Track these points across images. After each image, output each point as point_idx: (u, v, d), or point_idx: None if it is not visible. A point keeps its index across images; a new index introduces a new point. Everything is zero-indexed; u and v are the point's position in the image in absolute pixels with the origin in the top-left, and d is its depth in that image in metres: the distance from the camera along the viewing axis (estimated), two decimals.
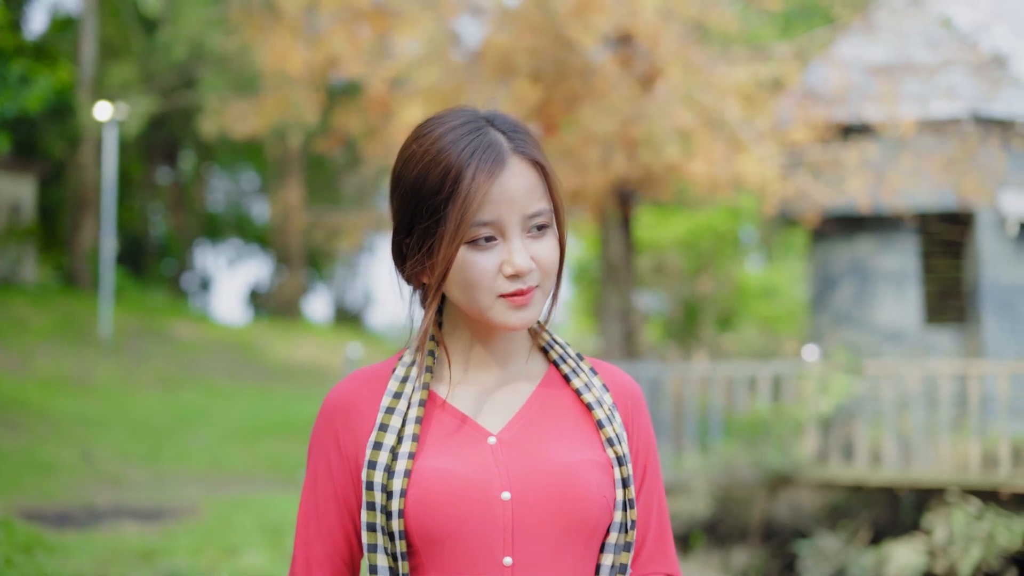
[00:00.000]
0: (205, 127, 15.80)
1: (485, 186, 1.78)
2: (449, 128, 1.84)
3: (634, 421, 1.96)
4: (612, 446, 1.88)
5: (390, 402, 1.86)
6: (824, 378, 12.60)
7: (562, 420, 1.89)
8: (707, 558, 11.90)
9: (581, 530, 1.82)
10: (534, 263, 1.82)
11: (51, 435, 13.08)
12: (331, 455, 1.89)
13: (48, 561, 7.03)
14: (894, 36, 14.16)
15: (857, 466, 12.30)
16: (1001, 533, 11.06)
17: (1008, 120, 14.61)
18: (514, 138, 1.85)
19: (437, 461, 1.81)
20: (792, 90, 14.31)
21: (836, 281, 15.68)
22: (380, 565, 1.81)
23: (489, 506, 1.79)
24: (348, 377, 1.93)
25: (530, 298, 1.82)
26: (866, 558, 11.68)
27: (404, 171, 1.85)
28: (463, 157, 1.79)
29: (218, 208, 40.70)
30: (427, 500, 1.78)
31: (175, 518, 9.33)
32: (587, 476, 1.83)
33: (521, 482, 1.81)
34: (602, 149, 12.94)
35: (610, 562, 1.87)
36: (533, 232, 1.83)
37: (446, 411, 1.87)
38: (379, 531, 1.81)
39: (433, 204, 1.80)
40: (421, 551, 1.80)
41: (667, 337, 22.88)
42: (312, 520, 1.90)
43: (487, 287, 1.80)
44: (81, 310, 21.98)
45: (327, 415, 1.90)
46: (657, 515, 1.98)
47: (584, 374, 1.95)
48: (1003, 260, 14.93)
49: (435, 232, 1.80)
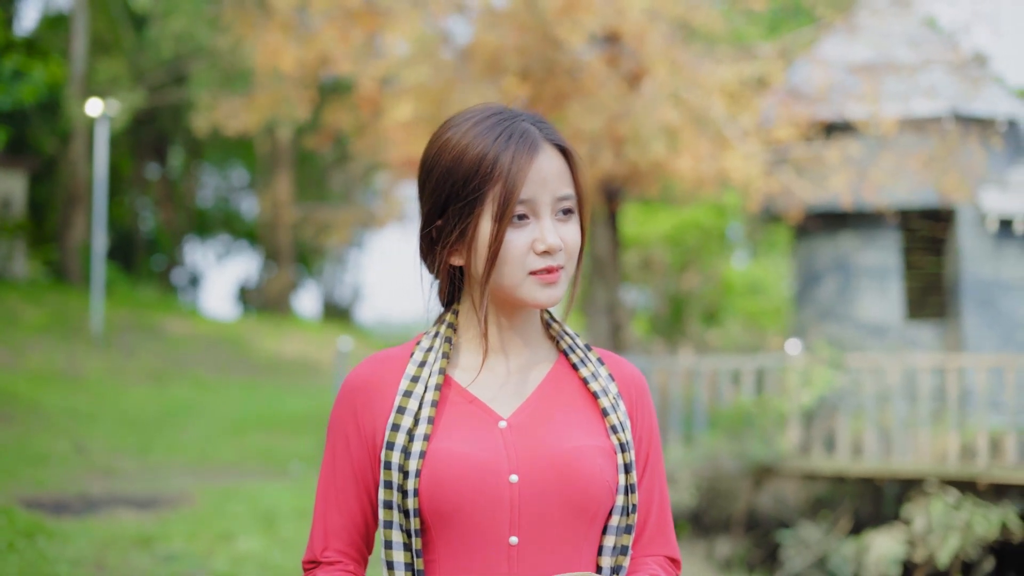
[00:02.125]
0: (197, 123, 15.94)
1: (526, 167, 1.89)
2: (482, 118, 1.95)
3: (638, 410, 2.06)
4: (616, 433, 1.96)
5: (408, 385, 1.95)
6: (806, 371, 12.82)
7: (569, 407, 1.98)
8: (691, 548, 12.11)
9: (584, 512, 1.90)
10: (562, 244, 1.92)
11: (43, 428, 13.22)
12: (350, 433, 1.98)
13: (49, 546, 7.20)
14: (876, 36, 14.38)
15: (839, 458, 12.53)
16: (979, 523, 11.30)
17: (988, 118, 14.84)
18: (543, 127, 1.96)
19: (450, 443, 1.89)
20: (776, 89, 14.51)
21: (819, 277, 15.90)
22: (395, 540, 1.90)
23: (497, 487, 1.87)
24: (367, 359, 2.03)
25: (558, 276, 1.92)
26: (847, 547, 11.91)
27: (438, 158, 1.94)
28: (500, 141, 1.90)
29: (207, 204, 40.77)
30: (439, 480, 1.86)
31: (169, 506, 9.50)
32: (591, 461, 1.91)
33: (528, 465, 1.89)
34: (589, 146, 13.13)
35: (612, 543, 1.95)
36: (560, 216, 1.94)
37: (461, 395, 1.96)
38: (395, 508, 1.89)
39: (471, 186, 1.89)
40: (432, 528, 1.89)
41: (654, 332, 23.08)
42: (331, 494, 1.99)
43: (519, 263, 1.90)
44: (72, 305, 22.09)
45: (347, 395, 1.99)
46: (659, 500, 2.06)
47: (591, 364, 2.04)
48: (983, 256, 15.15)
49: (472, 212, 1.90)
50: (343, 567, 1.97)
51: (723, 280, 23.97)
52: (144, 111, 28.13)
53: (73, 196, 26.09)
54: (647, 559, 2.02)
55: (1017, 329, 15.07)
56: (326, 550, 1.98)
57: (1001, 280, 15.13)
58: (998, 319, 15.10)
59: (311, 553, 2.00)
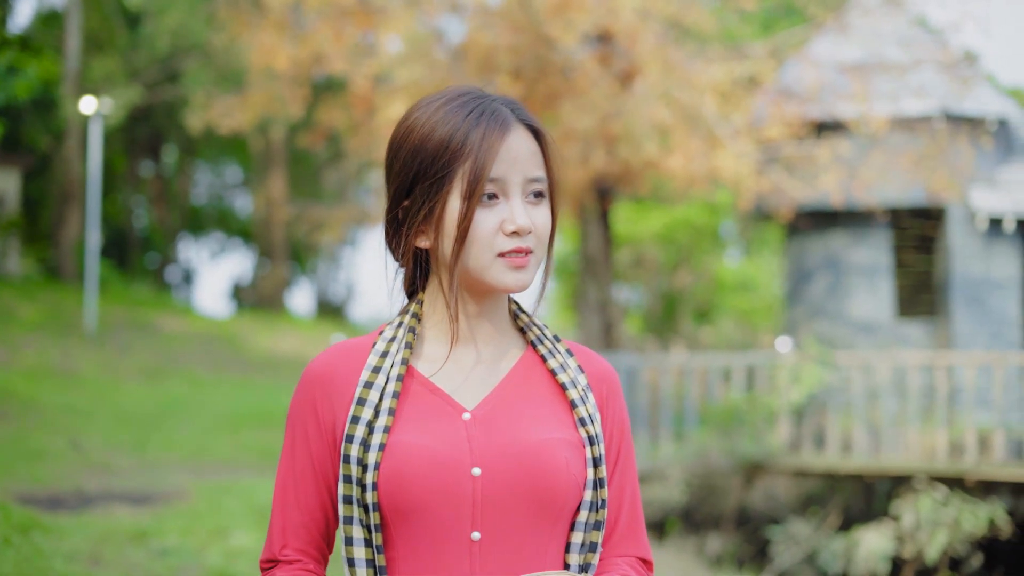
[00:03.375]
0: (191, 121, 16.01)
1: (497, 144, 1.83)
2: (452, 97, 1.89)
3: (608, 405, 1.98)
4: (584, 426, 1.89)
5: (369, 376, 1.88)
6: (796, 369, 12.91)
7: (536, 399, 1.91)
8: (682, 544, 12.19)
9: (549, 507, 1.84)
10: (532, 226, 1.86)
11: (39, 424, 13.27)
12: (309, 425, 1.90)
13: (44, 541, 7.25)
14: (867, 35, 14.47)
15: (828, 454, 12.62)
16: (967, 519, 11.40)
17: (978, 118, 14.93)
18: (515, 108, 1.91)
19: (411, 436, 1.82)
20: (767, 88, 14.60)
21: (810, 275, 15.98)
22: (356, 536, 1.83)
23: (459, 481, 1.81)
24: (328, 349, 1.95)
25: (527, 260, 1.85)
26: (836, 543, 12.00)
27: (407, 137, 1.88)
28: (471, 119, 1.84)
29: (201, 201, 40.80)
30: (399, 474, 1.79)
31: (164, 502, 9.57)
32: (557, 454, 1.84)
33: (492, 458, 1.83)
34: (581, 145, 13.21)
35: (580, 540, 1.88)
36: (531, 199, 1.87)
37: (424, 387, 1.89)
38: (355, 503, 1.83)
39: (439, 163, 1.83)
40: (392, 524, 1.82)
41: (646, 330, 23.17)
42: (289, 488, 1.91)
43: (488, 243, 1.83)
44: (66, 302, 22.13)
45: (306, 386, 1.92)
46: (630, 499, 1.99)
47: (560, 355, 1.97)
48: (973, 255, 15.24)
49: (440, 190, 1.84)
50: (302, 566, 1.90)
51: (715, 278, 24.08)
52: (138, 108, 28.16)
53: (67, 193, 26.13)
54: (618, 559, 1.95)
55: (1006, 327, 15.17)
56: (285, 548, 1.90)
57: (991, 278, 15.22)
58: (988, 317, 15.19)
59: (269, 552, 1.91)
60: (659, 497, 12.19)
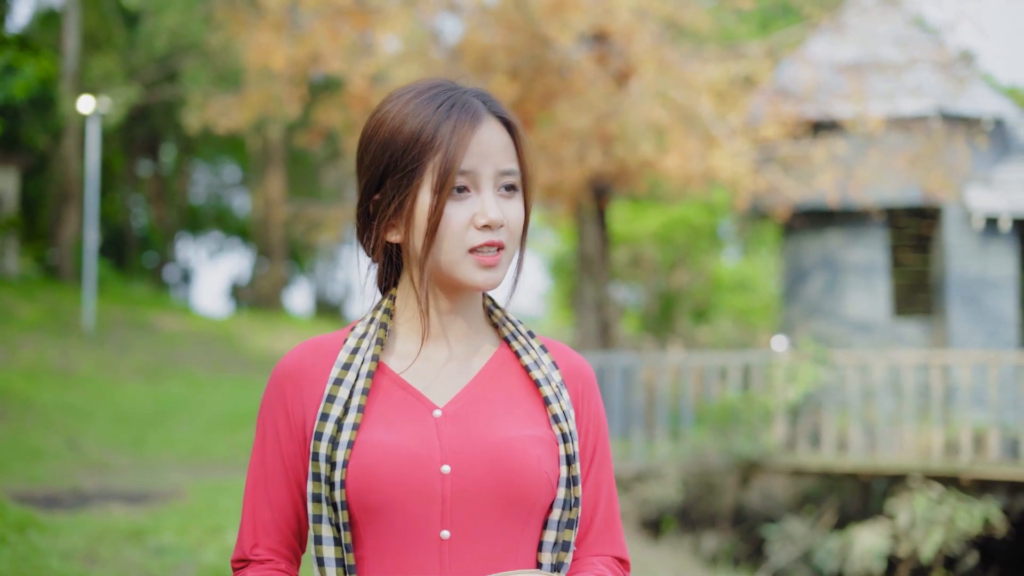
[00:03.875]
0: (188, 121, 16.03)
1: (468, 136, 1.80)
2: (423, 90, 1.86)
3: (584, 402, 1.95)
4: (558, 423, 1.87)
5: (339, 373, 1.85)
6: (792, 368, 12.94)
7: (509, 396, 1.88)
8: (678, 542, 12.22)
9: (520, 506, 1.81)
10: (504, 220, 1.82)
11: (36, 423, 13.30)
12: (279, 422, 1.88)
13: (41, 539, 7.28)
14: (863, 35, 14.50)
15: (824, 453, 12.65)
16: (962, 517, 11.43)
17: (974, 117, 14.96)
18: (487, 100, 1.87)
19: (379, 433, 1.80)
20: (764, 87, 14.63)
21: (807, 274, 16.01)
22: (325, 535, 1.81)
23: (428, 479, 1.78)
24: (299, 346, 1.93)
25: (499, 259, 1.82)
26: (832, 542, 12.04)
27: (377, 130, 1.85)
28: (441, 111, 1.81)
29: (199, 201, 40.84)
30: (367, 472, 1.77)
31: (161, 500, 9.59)
32: (529, 452, 1.81)
33: (462, 456, 1.80)
34: (577, 145, 13.24)
35: (553, 539, 1.85)
36: (503, 192, 1.84)
37: (395, 383, 1.87)
38: (324, 501, 1.80)
39: (409, 156, 1.80)
40: (360, 522, 1.79)
41: (643, 329, 23.21)
42: (260, 487, 1.88)
43: (459, 238, 1.80)
44: (64, 301, 22.16)
45: (277, 382, 1.90)
46: (606, 498, 1.95)
47: (534, 351, 1.94)
48: (969, 254, 15.27)
49: (410, 183, 1.81)
50: (274, 565, 1.86)
51: (713, 277, 24.11)
52: (136, 108, 28.18)
53: (65, 193, 26.15)
54: (594, 559, 1.92)
55: (1003, 326, 15.21)
56: (256, 547, 1.87)
57: (987, 277, 15.25)
58: (984, 316, 15.23)
59: (240, 551, 1.88)
60: (655, 495, 12.22)
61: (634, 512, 12.26)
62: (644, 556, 10.85)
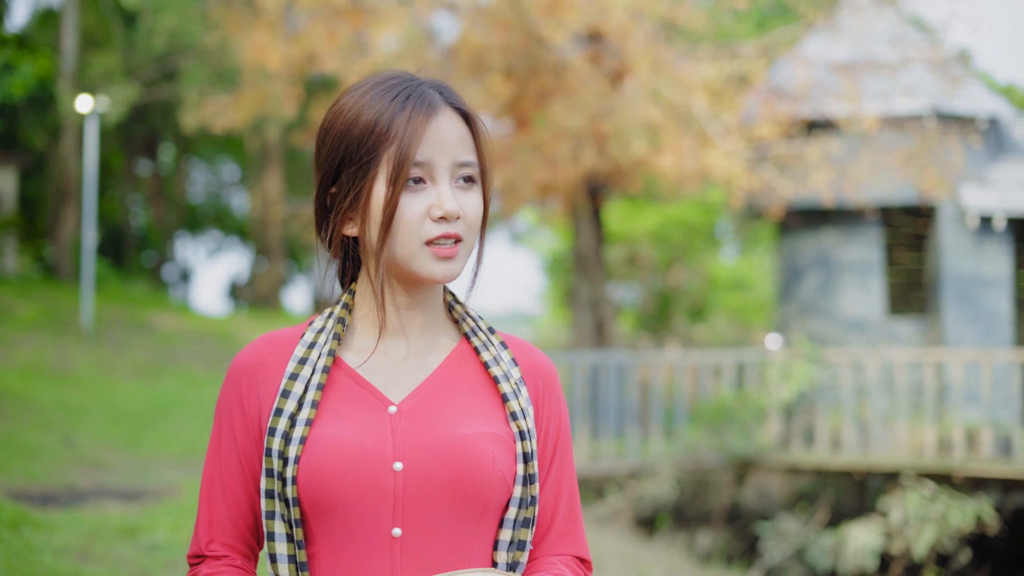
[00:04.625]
0: (185, 121, 16.07)
1: (422, 127, 1.78)
2: (379, 82, 1.84)
3: (544, 400, 1.93)
4: (516, 420, 1.84)
5: (295, 368, 1.84)
6: (786, 366, 12.98)
7: (467, 392, 1.86)
8: (672, 540, 12.26)
9: (474, 504, 1.79)
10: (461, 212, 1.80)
11: (33, 421, 13.33)
12: (235, 418, 1.86)
13: (35, 536, 7.33)
14: (858, 35, 14.54)
15: (818, 451, 12.70)
16: (954, 515, 11.48)
17: (968, 116, 15.00)
18: (444, 92, 1.85)
19: (333, 429, 1.78)
20: (758, 87, 14.67)
21: (802, 272, 16.05)
22: (277, 531, 1.79)
23: (379, 476, 1.76)
24: (257, 340, 1.91)
25: (456, 251, 1.80)
26: (825, 539, 12.08)
27: (333, 122, 1.84)
28: (396, 102, 1.79)
29: (198, 200, 40.87)
30: (318, 469, 1.75)
31: (155, 498, 9.63)
32: (484, 450, 1.79)
33: (415, 453, 1.78)
34: (571, 144, 13.28)
35: (508, 537, 1.83)
36: (460, 183, 1.82)
37: (351, 379, 1.85)
38: (276, 498, 1.78)
39: (364, 148, 1.79)
40: (312, 519, 1.78)
41: (641, 328, 23.25)
42: (216, 482, 1.86)
43: (415, 230, 1.78)
44: (62, 300, 22.20)
45: (233, 377, 1.89)
46: (568, 497, 1.93)
47: (494, 348, 1.91)
48: (964, 252, 15.31)
49: (365, 175, 1.79)
50: (229, 561, 1.84)
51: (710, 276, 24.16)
52: (135, 107, 28.22)
53: (64, 192, 26.19)
54: (554, 558, 1.90)
55: (997, 324, 15.24)
56: (212, 543, 1.85)
57: (981, 276, 15.29)
58: (978, 314, 15.26)
59: (196, 546, 1.87)
60: (649, 493, 12.26)
61: (628, 510, 12.31)
62: (637, 554, 10.89)
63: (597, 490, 12.58)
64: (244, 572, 1.85)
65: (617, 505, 12.22)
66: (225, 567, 1.84)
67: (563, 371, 13.46)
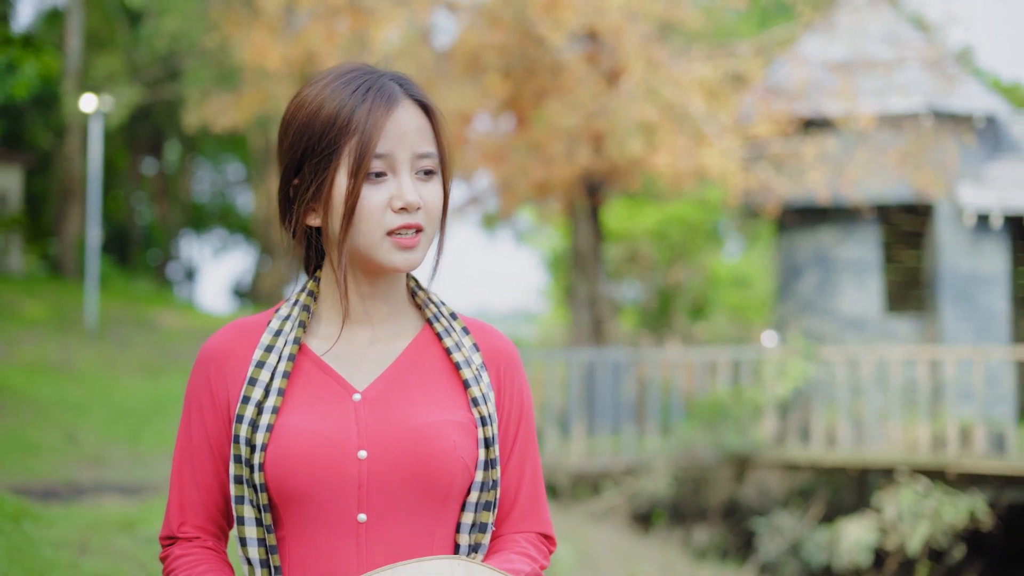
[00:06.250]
0: (188, 120, 16.19)
1: (383, 120, 1.81)
2: (340, 74, 1.87)
3: (505, 383, 1.97)
4: (477, 406, 1.88)
5: (261, 355, 1.87)
6: (781, 363, 13.07)
7: (429, 379, 1.90)
8: (668, 536, 12.34)
9: (436, 489, 1.83)
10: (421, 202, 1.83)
11: (35, 418, 13.45)
12: (204, 404, 1.90)
13: (34, 530, 7.42)
14: (854, 33, 14.61)
15: (813, 448, 12.78)
16: (947, 511, 11.56)
17: (965, 114, 15.05)
18: (404, 84, 1.88)
19: (298, 418, 1.82)
20: (755, 86, 14.74)
21: (800, 270, 16.12)
22: (247, 516, 1.83)
23: (344, 464, 1.80)
24: (224, 327, 1.95)
25: (417, 240, 1.84)
26: (820, 535, 12.17)
27: (295, 114, 1.86)
28: (357, 95, 1.82)
29: (203, 198, 40.98)
30: (284, 456, 1.79)
31: (155, 493, 9.74)
32: (446, 436, 1.83)
33: (378, 440, 1.82)
34: (567, 142, 13.37)
35: (471, 520, 1.88)
36: (420, 175, 1.85)
37: (317, 367, 1.88)
38: (245, 483, 1.82)
39: (326, 139, 1.82)
40: (279, 505, 1.82)
41: (642, 325, 23.33)
42: (186, 467, 1.90)
43: (376, 221, 1.82)
44: (67, 298, 22.33)
45: (201, 364, 1.91)
46: (531, 476, 1.98)
47: (456, 334, 1.95)
48: (961, 250, 15.36)
49: (327, 167, 1.82)
50: (201, 543, 1.90)
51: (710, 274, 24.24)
52: (140, 106, 28.34)
53: (69, 190, 26.33)
54: (517, 535, 1.96)
55: (994, 322, 15.31)
56: (183, 525, 1.90)
57: (978, 274, 15.34)
58: (976, 312, 15.32)
59: (168, 528, 1.91)
60: (646, 489, 12.35)
61: (624, 506, 12.40)
62: (632, 549, 10.98)
63: (593, 486, 12.68)
64: (215, 552, 1.91)
65: (613, 501, 12.31)
66: (197, 548, 1.89)
67: (560, 368, 13.56)
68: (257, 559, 1.83)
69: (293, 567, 1.83)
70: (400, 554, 1.83)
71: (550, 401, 12.91)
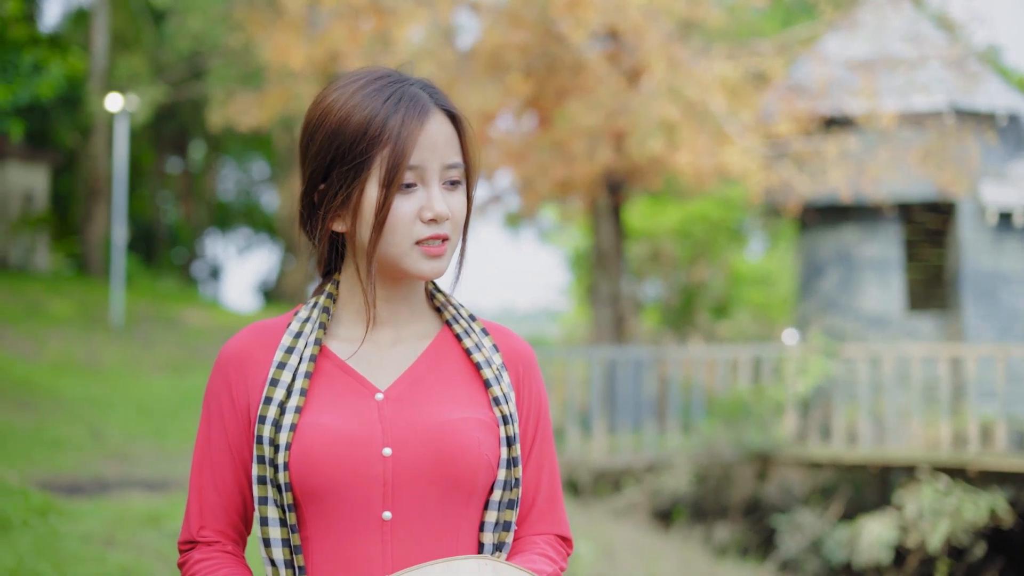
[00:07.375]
0: (212, 119, 16.31)
1: (416, 131, 1.81)
2: (369, 80, 1.86)
3: (524, 384, 1.98)
4: (498, 405, 1.90)
5: (282, 357, 1.88)
6: (802, 361, 13.09)
7: (451, 379, 1.91)
8: (688, 533, 12.38)
9: (461, 487, 1.84)
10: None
11: (61, 415, 13.58)
12: (224, 407, 1.90)
13: (61, 524, 7.55)
14: (875, 31, 14.60)
15: (834, 445, 12.80)
16: (968, 508, 11.56)
17: (987, 112, 15.03)
18: (433, 93, 1.88)
19: (322, 417, 1.83)
20: (777, 84, 14.75)
21: (822, 269, 16.13)
22: (271, 517, 1.83)
23: (369, 462, 1.81)
24: (244, 330, 1.95)
25: (444, 248, 1.85)
26: (840, 532, 12.19)
27: (323, 119, 1.85)
28: (389, 104, 1.81)
29: (228, 197, 41.16)
30: (309, 456, 1.80)
31: (179, 488, 9.84)
32: (469, 434, 1.84)
33: (403, 438, 1.83)
34: (588, 141, 13.41)
35: (494, 519, 1.89)
36: (447, 185, 1.85)
37: (338, 367, 1.89)
38: (268, 484, 1.83)
39: (357, 149, 1.81)
40: (304, 504, 1.83)
41: (664, 324, 23.35)
42: (206, 470, 1.91)
43: (406, 231, 1.82)
44: (93, 296, 22.50)
45: (221, 367, 1.91)
46: (548, 477, 1.99)
47: (475, 334, 1.96)
48: (983, 249, 15.34)
49: (358, 176, 1.81)
50: (221, 547, 1.90)
51: (733, 272, 24.23)
52: (165, 106, 28.52)
53: (95, 190, 26.52)
54: (535, 537, 1.97)
55: (1016, 320, 15.28)
56: (203, 529, 1.90)
57: (1001, 272, 15.32)
58: (998, 310, 15.30)
59: (187, 533, 1.92)
60: (667, 486, 12.39)
61: (645, 503, 12.44)
62: (652, 546, 11.03)
63: (615, 483, 12.73)
64: (235, 557, 1.91)
65: (634, 498, 12.36)
66: (217, 552, 1.90)
67: (582, 366, 13.61)
68: (281, 559, 1.84)
69: (317, 567, 1.84)
70: (425, 552, 1.84)
71: (572, 399, 12.96)
